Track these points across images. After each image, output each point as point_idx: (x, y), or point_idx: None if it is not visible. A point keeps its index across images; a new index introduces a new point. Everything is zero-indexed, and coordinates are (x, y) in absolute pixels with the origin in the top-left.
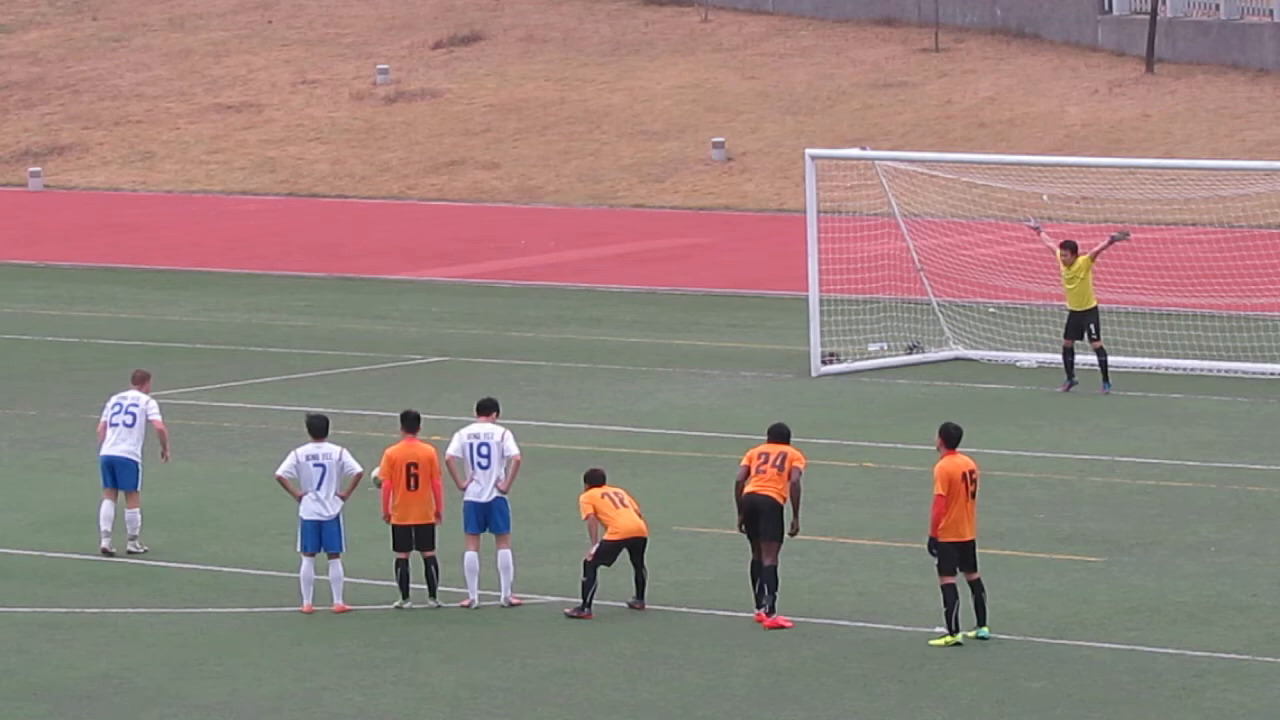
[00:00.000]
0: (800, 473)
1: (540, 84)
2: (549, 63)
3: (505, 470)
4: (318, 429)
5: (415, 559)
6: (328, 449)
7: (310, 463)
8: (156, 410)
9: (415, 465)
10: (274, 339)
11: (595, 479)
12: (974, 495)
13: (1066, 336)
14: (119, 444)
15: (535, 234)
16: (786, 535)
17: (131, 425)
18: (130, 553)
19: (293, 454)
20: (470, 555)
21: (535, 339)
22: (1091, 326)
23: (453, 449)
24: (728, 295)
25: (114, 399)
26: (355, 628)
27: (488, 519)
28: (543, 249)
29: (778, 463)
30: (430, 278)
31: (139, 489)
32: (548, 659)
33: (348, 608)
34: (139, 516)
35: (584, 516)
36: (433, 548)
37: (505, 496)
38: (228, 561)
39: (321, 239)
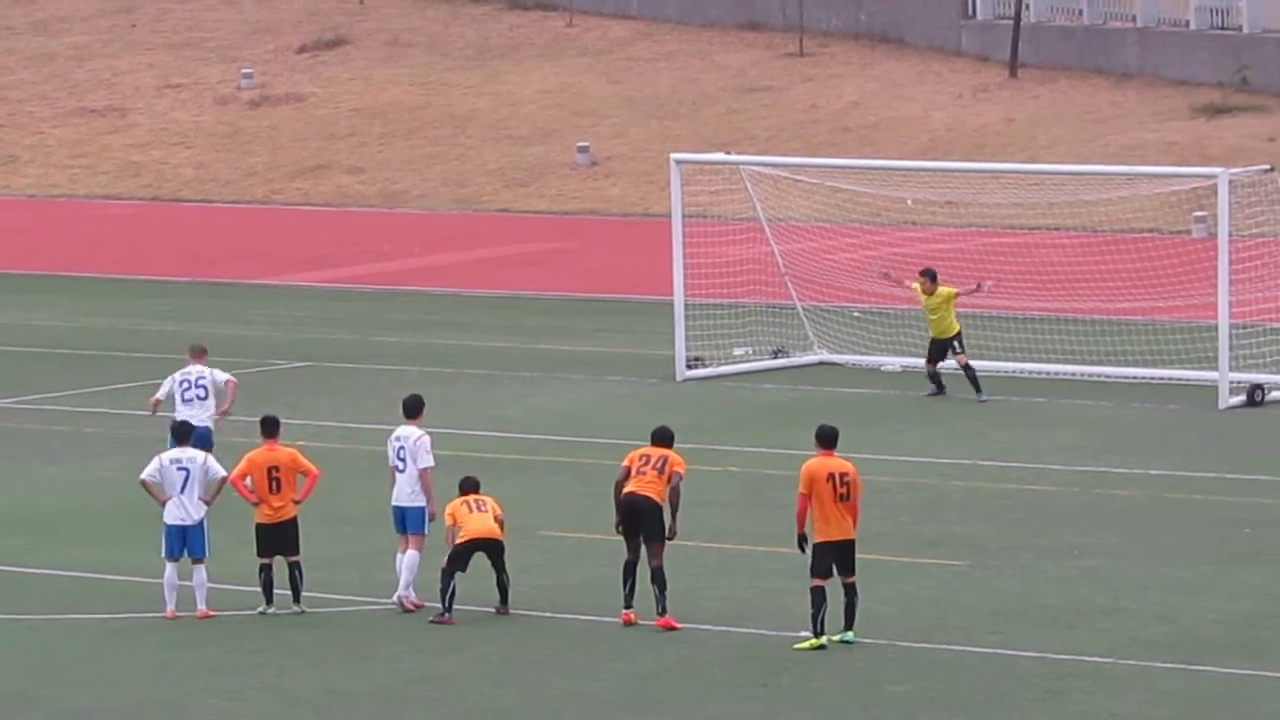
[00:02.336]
0: (681, 478)
1: (405, 88)
2: (414, 67)
3: (421, 486)
4: (181, 434)
5: (279, 564)
6: (191, 453)
7: (174, 467)
8: (222, 373)
9: (277, 469)
10: (139, 344)
11: (464, 487)
12: (845, 497)
13: (930, 361)
14: (197, 415)
15: (400, 238)
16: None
17: (205, 398)
18: None
19: (156, 458)
20: (398, 556)
21: (400, 343)
22: (955, 344)
23: (389, 460)
24: (593, 299)
25: (179, 377)
26: (219, 633)
27: (403, 521)
28: (407, 253)
29: (658, 465)
30: (295, 282)
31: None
32: (412, 664)
33: (212, 613)
34: None
35: (447, 525)
36: (297, 552)
37: (422, 506)
38: (91, 567)
39: (186, 244)
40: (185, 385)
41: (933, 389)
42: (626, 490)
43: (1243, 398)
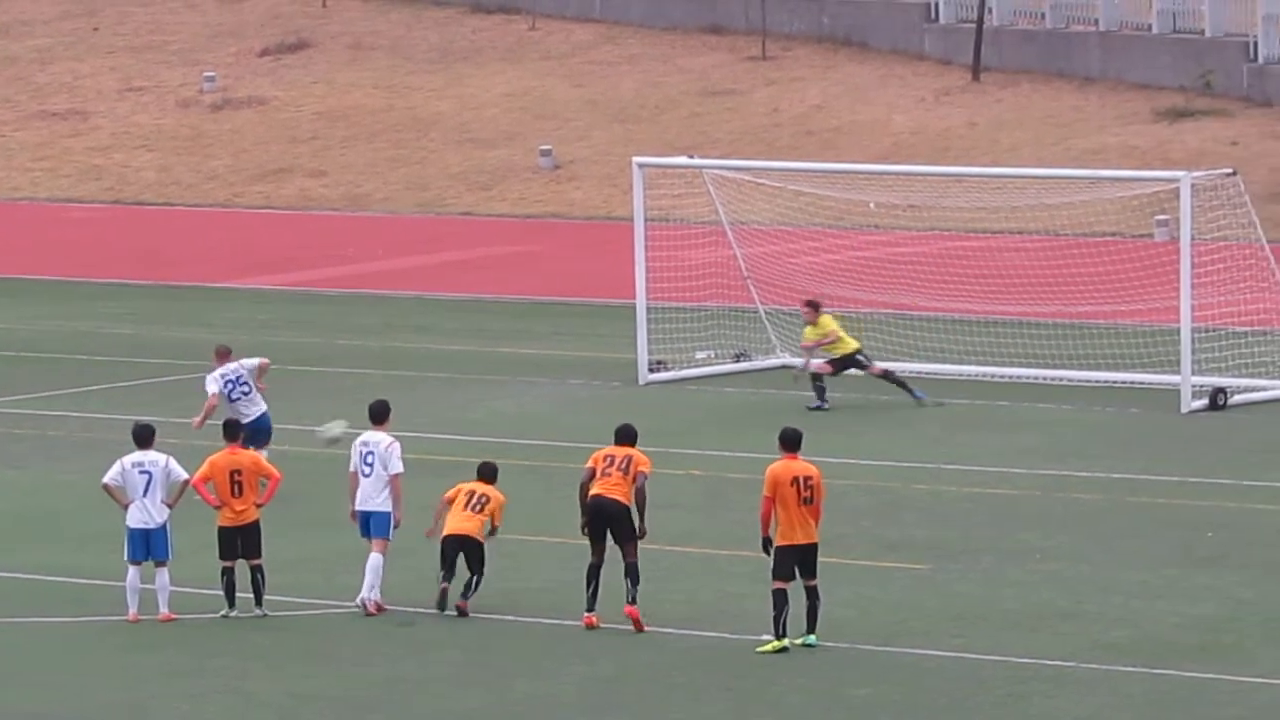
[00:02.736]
0: (646, 477)
1: (368, 91)
2: (376, 70)
3: (390, 491)
4: (143, 438)
5: (242, 567)
6: (154, 457)
7: (136, 470)
8: (253, 362)
9: (239, 472)
10: (101, 347)
11: (480, 472)
12: (809, 501)
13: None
14: (252, 411)
15: (363, 242)
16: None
17: (250, 393)
18: None
19: (118, 462)
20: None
21: (363, 347)
22: (861, 358)
23: (351, 464)
24: (555, 303)
25: (221, 378)
26: (182, 636)
27: (370, 525)
28: (370, 257)
29: (623, 466)
30: (258, 285)
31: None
32: (375, 667)
33: (174, 616)
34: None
35: (444, 500)
36: (259, 555)
37: (388, 511)
38: (54, 570)
39: (148, 247)
40: (230, 386)
41: (818, 403)
42: (593, 493)
43: (1205, 401)
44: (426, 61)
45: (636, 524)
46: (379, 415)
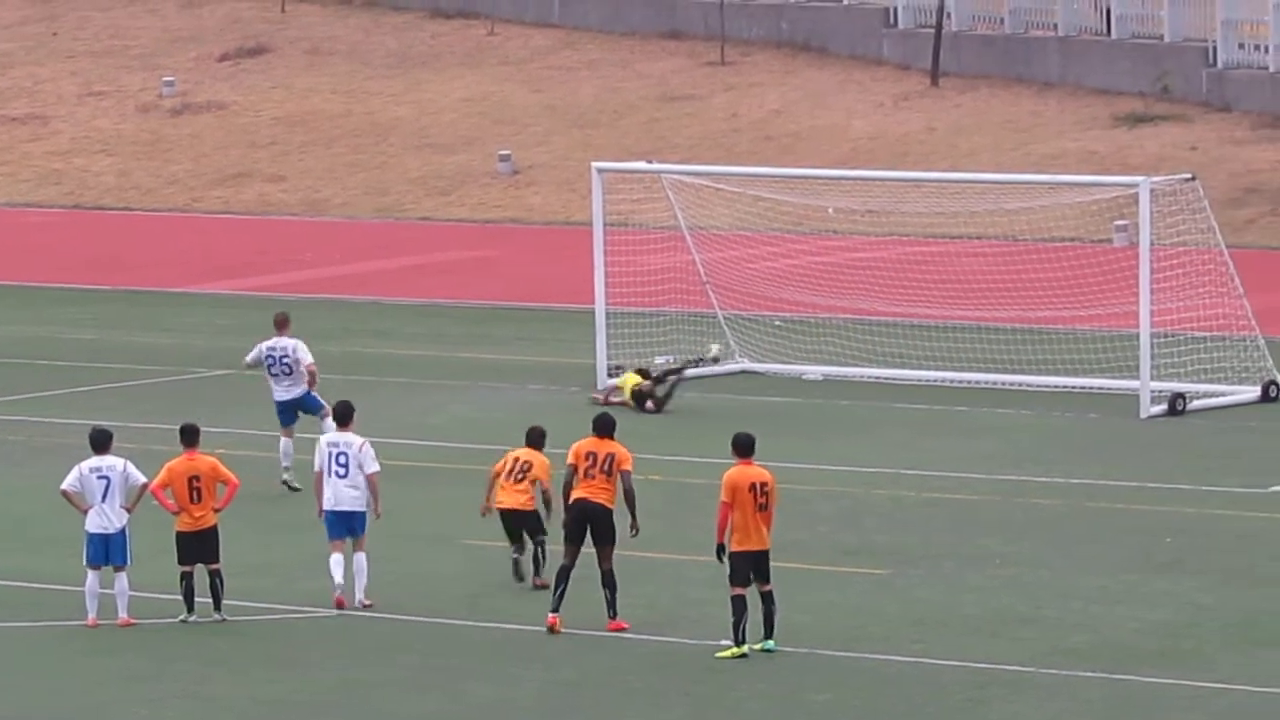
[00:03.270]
0: (630, 475)
1: (327, 96)
2: (335, 75)
3: (369, 489)
4: (100, 443)
5: (200, 572)
6: (111, 461)
7: (94, 476)
8: (306, 352)
9: (197, 478)
10: (60, 352)
11: (528, 438)
12: (764, 507)
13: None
14: (291, 390)
15: (322, 246)
16: (629, 535)
17: (291, 373)
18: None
19: (76, 468)
20: (335, 556)
21: (322, 351)
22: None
23: (316, 463)
24: (514, 308)
25: (264, 350)
26: (141, 641)
27: (349, 525)
28: (329, 261)
29: (605, 467)
30: (217, 290)
31: (324, 407)
32: (334, 671)
33: (133, 621)
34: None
35: (494, 471)
36: (218, 560)
37: (365, 511)
38: (12, 575)
39: (107, 251)
40: (270, 361)
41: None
42: (577, 496)
43: (1164, 407)
44: (385, 67)
45: (629, 523)
46: (343, 417)
